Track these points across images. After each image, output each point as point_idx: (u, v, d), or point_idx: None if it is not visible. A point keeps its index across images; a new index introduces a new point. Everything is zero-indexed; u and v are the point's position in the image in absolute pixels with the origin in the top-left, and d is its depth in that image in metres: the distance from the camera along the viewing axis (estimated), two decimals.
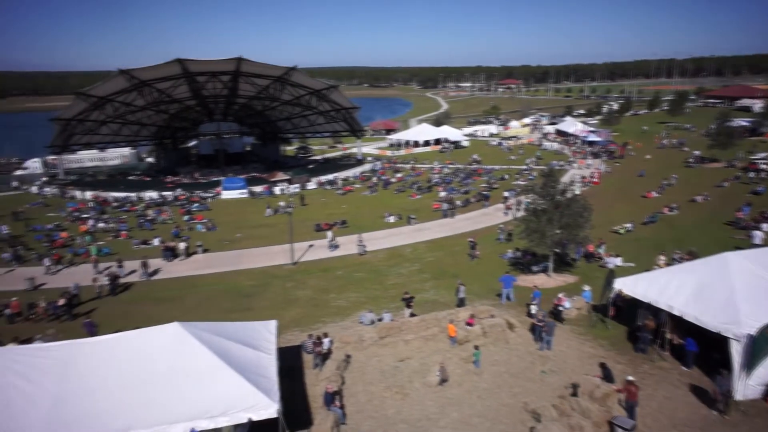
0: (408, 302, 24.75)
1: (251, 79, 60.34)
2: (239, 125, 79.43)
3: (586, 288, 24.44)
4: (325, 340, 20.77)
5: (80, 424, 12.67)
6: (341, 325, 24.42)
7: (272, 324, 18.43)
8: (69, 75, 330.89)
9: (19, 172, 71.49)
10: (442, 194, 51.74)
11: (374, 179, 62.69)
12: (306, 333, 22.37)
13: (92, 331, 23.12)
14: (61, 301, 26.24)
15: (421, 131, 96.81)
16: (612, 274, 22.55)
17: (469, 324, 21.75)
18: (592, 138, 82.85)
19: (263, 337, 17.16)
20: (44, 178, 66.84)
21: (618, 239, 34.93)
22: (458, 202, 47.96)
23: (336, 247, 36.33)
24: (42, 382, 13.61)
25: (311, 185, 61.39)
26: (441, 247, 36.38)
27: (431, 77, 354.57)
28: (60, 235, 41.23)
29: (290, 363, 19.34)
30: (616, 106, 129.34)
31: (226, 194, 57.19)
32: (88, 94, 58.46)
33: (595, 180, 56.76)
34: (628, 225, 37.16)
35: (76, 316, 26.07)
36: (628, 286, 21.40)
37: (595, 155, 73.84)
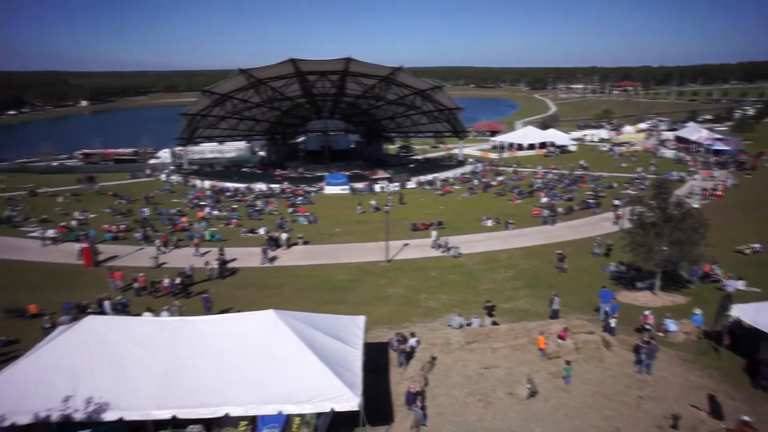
0: (490, 311, 24.22)
1: (358, 78, 62.18)
2: (345, 123, 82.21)
3: (697, 311, 22.38)
4: (412, 340, 20.99)
5: (184, 395, 13.99)
6: (429, 326, 24.53)
7: (361, 319, 19.01)
8: (197, 73, 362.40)
9: (152, 161, 79.75)
10: (544, 200, 49.86)
11: (474, 181, 61.90)
12: (394, 330, 22.75)
13: (208, 306, 25.59)
14: (178, 280, 29.00)
15: (526, 134, 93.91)
16: (729, 299, 20.47)
17: (561, 337, 20.85)
18: (719, 146, 75.17)
19: (352, 332, 17.76)
20: (171, 167, 73.93)
21: (742, 260, 31.53)
22: (560, 210, 45.95)
23: (440, 246, 36.25)
24: (156, 352, 15.19)
25: (411, 184, 62.01)
26: (537, 255, 35.14)
27: (540, 78, 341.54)
28: (181, 219, 45.41)
29: (376, 359, 19.77)
30: (751, 111, 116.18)
31: (329, 189, 59.51)
32: (211, 92, 63.72)
33: (718, 193, 51.56)
34: (757, 245, 33.38)
35: (189, 294, 28.62)
36: (749, 314, 19.32)
37: (722, 165, 66.99)
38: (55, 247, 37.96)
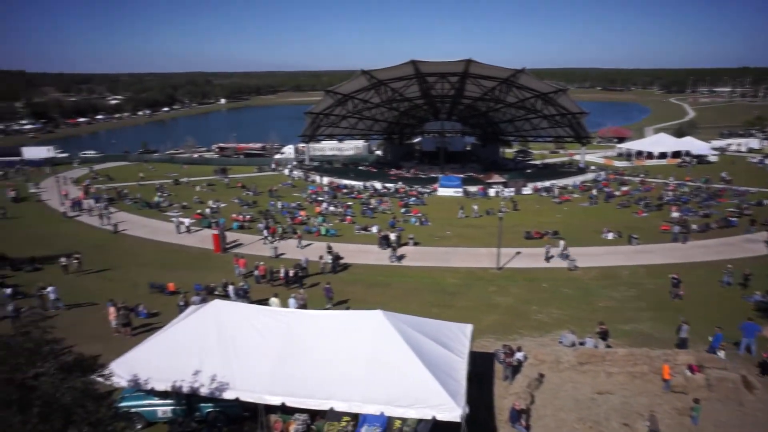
0: (603, 335, 22.37)
1: (478, 80, 61.29)
2: (462, 125, 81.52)
3: None
4: (519, 354, 20.25)
5: (294, 384, 14.76)
6: (538, 340, 23.49)
7: (468, 328, 18.70)
8: (322, 74, 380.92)
9: (277, 156, 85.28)
10: (675, 215, 45.43)
11: (595, 190, 58.17)
12: (501, 342, 22.11)
13: (330, 296, 26.89)
14: (292, 272, 30.66)
15: (657, 141, 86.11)
16: None
17: (691, 370, 18.85)
18: None
19: (458, 339, 17.54)
20: (294, 163, 78.46)
21: None
22: (694, 226, 41.56)
23: (566, 257, 34.52)
24: (271, 340, 16.20)
25: (526, 190, 59.87)
26: (665, 275, 32.06)
27: (677, 80, 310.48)
28: (300, 213, 48.01)
29: (480, 369, 19.35)
30: None
31: (442, 191, 59.41)
32: (334, 92, 66.60)
33: None
34: None
35: (303, 285, 30.11)
36: None
37: None
38: (188, 234, 41.98)
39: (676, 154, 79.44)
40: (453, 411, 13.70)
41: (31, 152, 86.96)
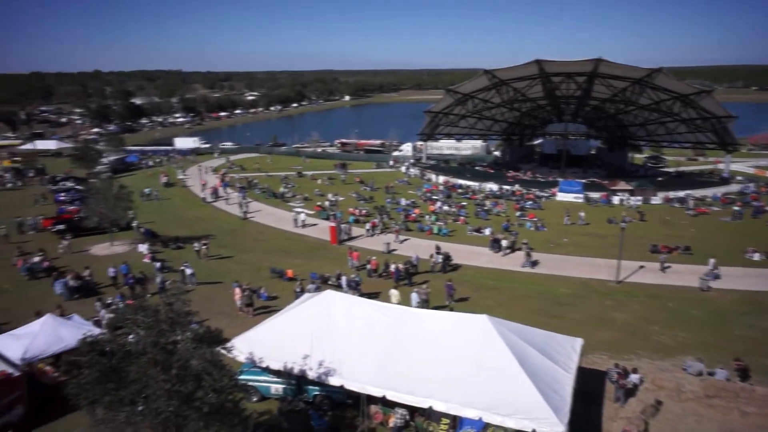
0: (743, 373, 19.91)
1: (607, 80, 57.52)
2: (587, 127, 77.12)
3: None
4: (634, 376, 18.93)
5: (396, 379, 15.23)
6: (658, 364, 21.70)
7: (578, 342, 17.90)
8: (444, 72, 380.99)
9: (395, 153, 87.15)
10: None
11: (740, 204, 51.90)
12: (614, 360, 20.80)
13: (451, 293, 27.33)
14: (402, 267, 31.30)
15: None
16: None
17: None
18: None
19: (565, 353, 16.88)
20: (411, 161, 79.64)
21: None
22: None
23: (717, 277, 31.41)
24: (378, 333, 16.83)
25: (656, 200, 55.13)
26: None
27: None
28: (414, 211, 48.74)
29: (588, 387, 18.37)
30: None
31: (561, 196, 56.79)
32: (455, 91, 66.45)
33: None
34: None
35: (412, 283, 30.61)
36: None
37: None
38: (303, 228, 44.48)
39: None
40: (555, 426, 13.26)
41: (181, 143, 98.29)
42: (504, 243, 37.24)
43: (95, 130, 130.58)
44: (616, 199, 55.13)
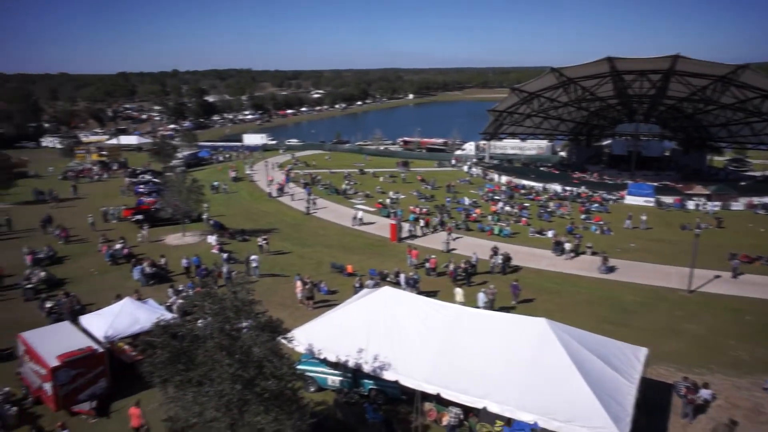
0: None
1: (685, 78, 54.34)
2: (660, 128, 73.17)
3: None
4: (704, 391, 17.95)
5: (450, 377, 15.27)
6: (734, 381, 20.38)
7: (642, 351, 17.22)
8: (510, 70, 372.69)
9: (458, 152, 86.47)
10: None
11: None
12: (683, 374, 19.78)
13: (516, 292, 27.34)
14: (461, 267, 31.12)
15: None
16: None
17: None
18: None
19: (628, 362, 16.28)
20: (474, 160, 78.76)
21: None
22: None
23: None
24: (434, 331, 16.94)
25: (737, 205, 51.62)
26: None
27: None
28: (475, 210, 48.24)
29: (653, 399, 17.64)
30: None
31: (630, 199, 54.35)
32: (520, 90, 65.02)
33: None
34: None
35: (471, 283, 30.38)
36: None
37: None
38: (360, 225, 45.05)
39: None
40: None
41: (249, 139, 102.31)
42: (567, 246, 36.16)
43: (171, 126, 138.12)
44: (691, 204, 52.13)
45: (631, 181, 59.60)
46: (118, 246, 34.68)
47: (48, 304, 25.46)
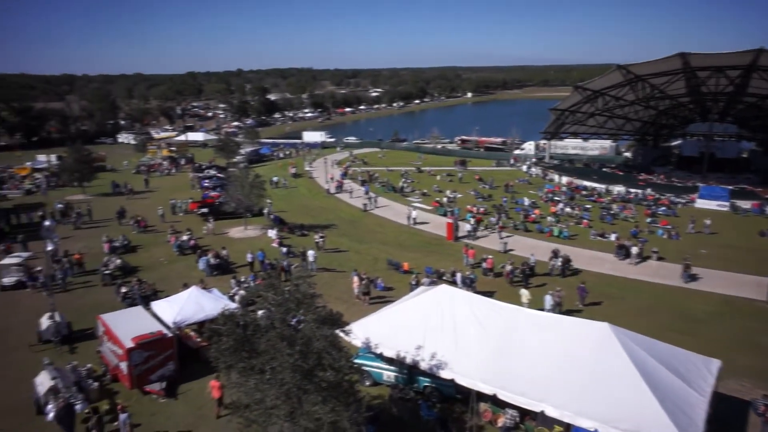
0: None
1: None
2: (738, 127, 68.75)
3: None
4: None
5: (507, 378, 15.06)
6: None
7: (714, 363, 16.32)
8: (573, 68, 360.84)
9: (517, 152, 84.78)
10: None
11: None
12: (762, 391, 18.52)
13: (583, 295, 26.84)
14: (519, 268, 30.55)
15: None
16: None
17: None
18: None
19: (699, 374, 15.49)
20: (533, 160, 76.96)
21: None
22: None
23: None
24: (491, 331, 16.76)
25: None
26: None
27: None
28: (533, 211, 47.16)
29: (725, 416, 16.68)
30: None
31: (702, 203, 51.39)
32: (584, 88, 62.91)
33: None
34: None
35: (528, 285, 29.75)
36: None
37: None
38: (414, 224, 45.05)
39: None
40: None
41: (309, 136, 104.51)
42: (633, 250, 34.70)
43: (235, 123, 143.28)
44: None
45: (703, 183, 56.36)
46: (185, 237, 36.41)
47: (123, 289, 27.17)
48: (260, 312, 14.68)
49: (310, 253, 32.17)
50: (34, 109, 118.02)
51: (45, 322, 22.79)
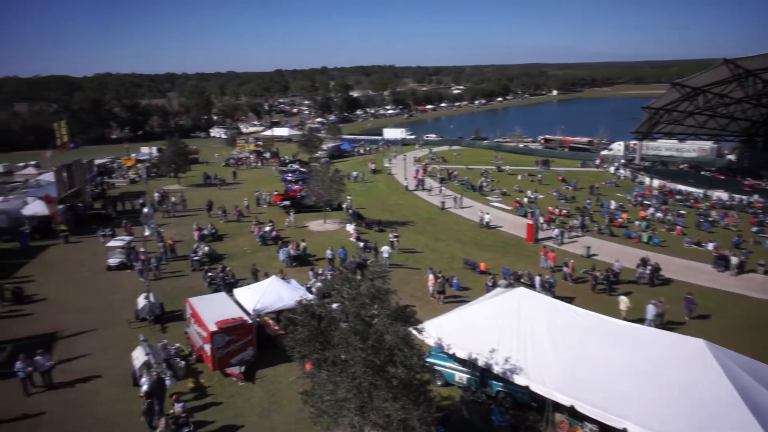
0: None
1: None
2: None
3: None
4: None
5: (586, 390, 14.28)
6: None
7: None
8: (670, 64, 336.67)
9: (604, 152, 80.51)
10: None
11: None
12: None
13: (690, 307, 25.03)
14: (598, 273, 28.87)
15: None
16: None
17: None
18: None
19: None
20: (621, 161, 72.72)
21: None
22: None
23: None
24: (569, 340, 15.99)
25: None
26: None
27: None
28: (621, 215, 44.56)
29: None
30: None
31: None
32: (683, 85, 58.47)
33: None
34: None
35: (612, 292, 28.13)
36: None
37: None
38: (487, 228, 43.90)
39: None
40: None
41: (389, 133, 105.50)
42: (734, 261, 31.82)
43: (318, 119, 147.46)
44: None
45: None
46: (267, 228, 37.96)
47: (209, 275, 28.79)
48: (335, 305, 14.93)
49: (385, 249, 32.35)
50: (140, 105, 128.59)
51: (141, 301, 24.65)
